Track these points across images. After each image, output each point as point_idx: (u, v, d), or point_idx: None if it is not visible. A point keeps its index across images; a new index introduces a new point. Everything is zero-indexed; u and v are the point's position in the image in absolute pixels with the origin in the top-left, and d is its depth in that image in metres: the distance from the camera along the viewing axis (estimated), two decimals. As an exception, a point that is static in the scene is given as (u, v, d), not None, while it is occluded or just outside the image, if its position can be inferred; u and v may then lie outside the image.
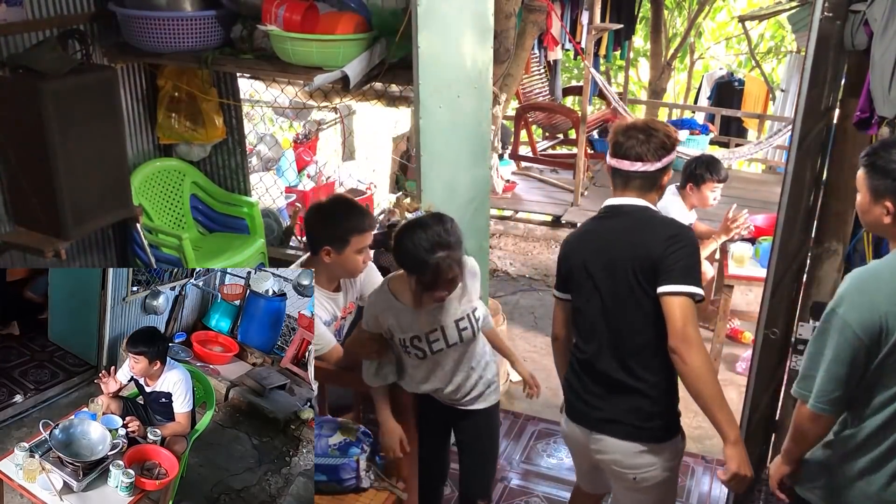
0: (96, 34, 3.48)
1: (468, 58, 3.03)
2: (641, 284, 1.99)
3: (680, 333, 1.91)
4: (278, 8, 3.09)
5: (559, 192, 6.70)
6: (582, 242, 2.17)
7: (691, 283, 1.94)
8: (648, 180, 2.08)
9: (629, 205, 2.09)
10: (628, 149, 2.06)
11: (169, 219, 4.01)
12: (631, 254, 2.01)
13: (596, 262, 2.08)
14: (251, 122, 5.92)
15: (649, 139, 2.05)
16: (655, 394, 2.08)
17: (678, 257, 1.95)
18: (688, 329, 1.91)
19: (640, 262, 1.99)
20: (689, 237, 2.01)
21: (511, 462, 3.40)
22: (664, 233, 2.00)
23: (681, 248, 1.96)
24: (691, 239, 2.01)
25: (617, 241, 2.06)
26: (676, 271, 1.94)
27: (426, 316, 2.24)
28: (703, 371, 1.93)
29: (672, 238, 1.98)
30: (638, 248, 2.00)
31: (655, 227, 2.03)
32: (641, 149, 2.05)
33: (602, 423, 2.13)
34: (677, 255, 1.95)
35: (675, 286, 1.93)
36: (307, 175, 6.18)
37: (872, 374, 1.75)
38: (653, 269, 1.97)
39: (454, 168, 3.07)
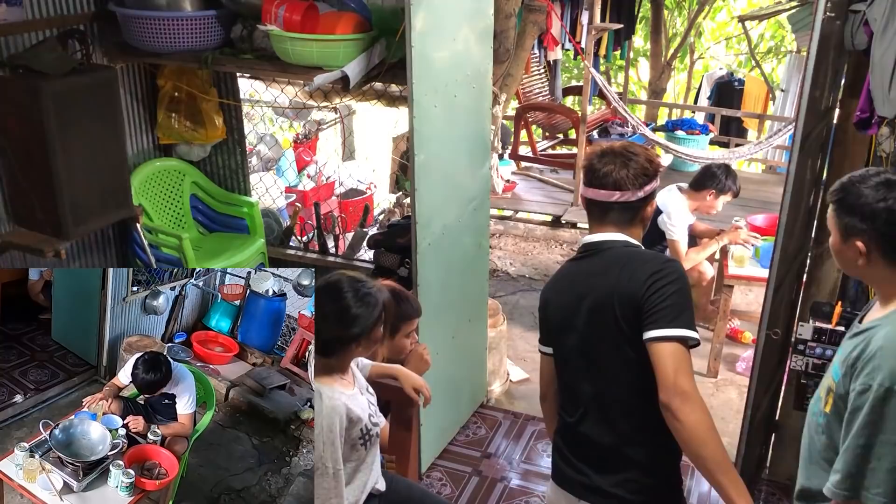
0: (96, 34, 3.48)
1: (466, 58, 3.03)
2: (625, 332, 1.73)
3: (671, 386, 1.65)
4: (278, 8, 3.09)
5: (559, 192, 6.70)
6: (559, 288, 1.91)
7: (681, 325, 1.67)
8: (629, 212, 1.82)
9: (608, 241, 1.82)
10: (605, 175, 1.80)
11: (169, 219, 4.01)
12: (612, 298, 1.74)
13: (574, 309, 1.83)
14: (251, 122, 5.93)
15: (628, 164, 1.79)
16: (649, 462, 1.81)
17: (663, 295, 1.68)
18: (680, 380, 1.65)
19: (623, 306, 1.73)
20: (675, 271, 1.73)
21: (511, 462, 3.40)
22: (648, 269, 1.72)
23: (666, 284, 1.69)
24: (679, 274, 1.74)
25: (596, 285, 1.79)
26: (663, 312, 1.67)
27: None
28: (701, 429, 1.65)
29: (656, 274, 1.70)
30: (619, 289, 1.74)
31: (637, 264, 1.75)
32: (619, 175, 1.79)
33: (589, 491, 1.87)
34: (662, 292, 1.68)
35: (662, 330, 1.67)
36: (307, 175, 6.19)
37: None
38: (637, 313, 1.71)
39: (452, 168, 3.07)
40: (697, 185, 3.98)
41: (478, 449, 3.49)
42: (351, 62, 3.02)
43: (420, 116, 2.70)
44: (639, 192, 1.80)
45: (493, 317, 3.80)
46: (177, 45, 3.30)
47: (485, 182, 3.41)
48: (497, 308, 3.93)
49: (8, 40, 3.08)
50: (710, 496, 3.23)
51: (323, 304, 1.90)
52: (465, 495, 3.18)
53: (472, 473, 3.32)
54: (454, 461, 3.39)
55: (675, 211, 3.90)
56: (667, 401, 1.66)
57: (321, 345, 1.93)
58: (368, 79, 3.14)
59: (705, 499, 3.21)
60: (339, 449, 1.86)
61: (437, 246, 2.99)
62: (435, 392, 3.16)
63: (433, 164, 2.85)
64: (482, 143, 3.31)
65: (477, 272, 3.50)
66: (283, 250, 4.48)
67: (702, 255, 4.04)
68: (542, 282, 5.35)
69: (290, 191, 5.79)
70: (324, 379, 1.91)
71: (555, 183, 6.88)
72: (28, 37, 3.16)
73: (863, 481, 1.51)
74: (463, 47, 2.98)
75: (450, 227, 3.09)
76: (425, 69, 2.69)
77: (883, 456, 1.49)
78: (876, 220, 1.56)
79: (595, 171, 1.82)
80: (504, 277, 5.44)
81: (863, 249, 1.59)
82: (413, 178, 2.77)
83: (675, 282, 1.70)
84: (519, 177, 6.99)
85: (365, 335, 1.89)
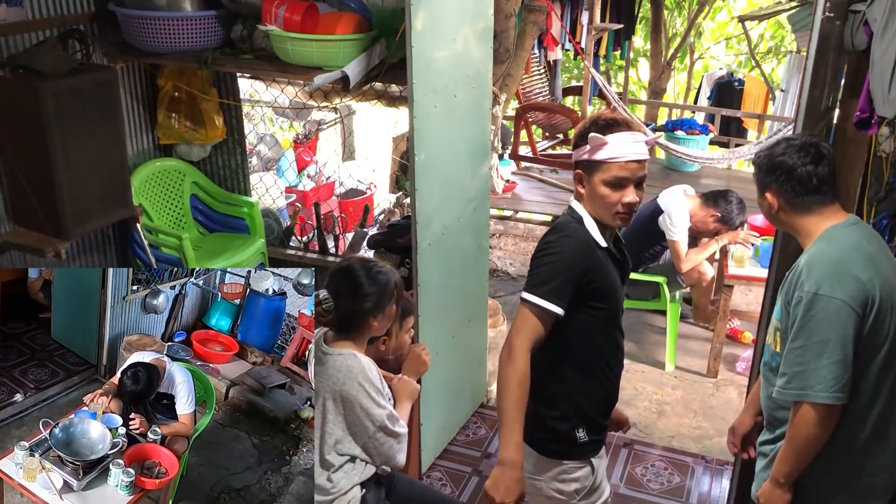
0: (96, 34, 3.49)
1: (466, 58, 3.03)
2: None
3: (508, 338, 1.87)
4: (278, 8, 3.09)
5: (559, 192, 6.69)
6: None
7: (528, 289, 1.85)
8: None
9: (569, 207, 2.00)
10: None
11: (169, 219, 4.01)
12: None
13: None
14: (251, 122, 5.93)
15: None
16: (542, 413, 1.96)
17: (532, 265, 1.89)
18: (512, 336, 1.85)
19: None
20: (547, 245, 1.90)
21: (511, 462, 3.40)
22: (544, 238, 1.93)
23: (536, 256, 1.90)
24: (547, 249, 1.89)
25: None
26: (527, 279, 1.88)
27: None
28: (504, 382, 1.84)
29: (538, 246, 1.92)
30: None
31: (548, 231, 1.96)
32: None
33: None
34: (533, 263, 1.89)
35: (522, 293, 1.88)
36: (307, 175, 6.18)
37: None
38: None
39: (452, 168, 3.07)
40: (710, 200, 4.00)
41: (478, 449, 3.49)
42: (351, 62, 3.02)
43: (420, 116, 2.70)
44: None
45: (493, 317, 3.80)
46: (177, 45, 3.31)
47: (485, 182, 3.42)
48: (497, 308, 3.93)
49: (8, 40, 3.09)
50: (711, 496, 3.23)
51: (338, 284, 2.02)
52: (465, 495, 3.18)
53: (472, 473, 3.32)
54: (454, 461, 3.39)
55: (677, 212, 3.90)
56: (502, 350, 1.86)
57: (339, 322, 2.03)
58: (368, 79, 3.14)
59: (705, 499, 3.21)
60: (386, 396, 2.02)
61: (437, 246, 2.99)
62: (435, 392, 3.18)
63: (433, 164, 2.85)
64: (482, 143, 3.31)
65: (477, 272, 3.50)
66: (284, 250, 4.49)
67: (702, 256, 4.05)
68: (542, 282, 5.35)
69: (290, 191, 5.78)
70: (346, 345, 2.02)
71: (555, 183, 6.88)
72: (28, 37, 3.16)
73: (807, 381, 1.73)
74: (463, 47, 2.98)
75: (450, 227, 3.10)
76: (425, 69, 2.69)
77: (819, 354, 1.71)
78: (776, 172, 1.86)
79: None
80: (504, 277, 5.44)
81: (771, 200, 1.88)
82: (413, 178, 2.77)
83: (547, 253, 1.86)
84: (519, 177, 6.99)
85: (379, 310, 2.02)
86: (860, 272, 1.73)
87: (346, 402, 1.96)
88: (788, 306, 1.83)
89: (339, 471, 2.00)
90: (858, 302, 1.72)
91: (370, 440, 1.98)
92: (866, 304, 1.72)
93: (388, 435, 1.99)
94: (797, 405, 1.78)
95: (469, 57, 3.06)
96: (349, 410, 1.96)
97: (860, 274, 1.73)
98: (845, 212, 1.90)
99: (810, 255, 1.83)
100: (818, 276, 1.75)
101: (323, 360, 2.00)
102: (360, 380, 1.95)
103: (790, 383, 1.77)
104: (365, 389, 1.95)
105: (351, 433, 1.99)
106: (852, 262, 1.75)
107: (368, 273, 2.01)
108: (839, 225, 1.84)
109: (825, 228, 1.84)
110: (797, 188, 1.86)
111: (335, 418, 1.98)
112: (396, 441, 2.01)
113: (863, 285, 1.72)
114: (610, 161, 1.84)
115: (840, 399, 1.73)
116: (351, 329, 2.03)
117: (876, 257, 1.79)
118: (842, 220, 1.86)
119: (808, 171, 1.85)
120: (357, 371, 1.95)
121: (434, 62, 2.76)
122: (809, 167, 1.85)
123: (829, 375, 1.72)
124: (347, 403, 1.96)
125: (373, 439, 1.98)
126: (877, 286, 1.73)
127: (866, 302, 1.72)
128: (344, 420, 1.98)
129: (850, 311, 1.71)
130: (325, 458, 2.00)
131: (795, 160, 1.86)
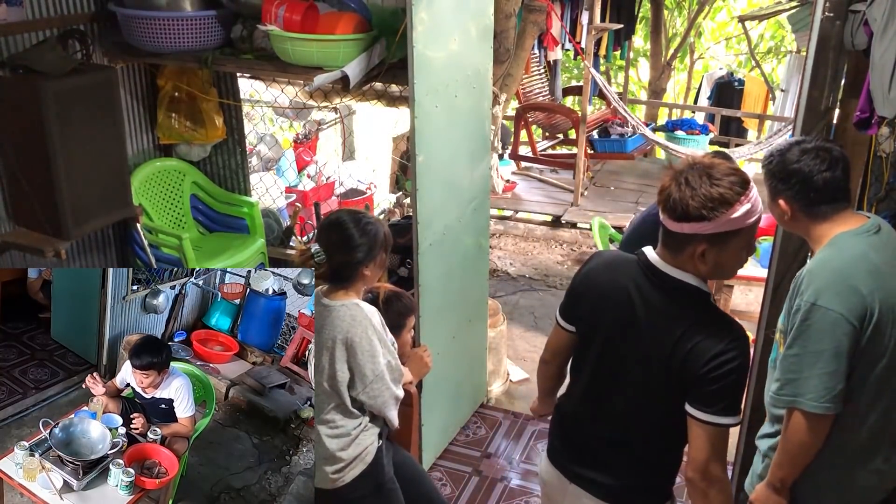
0: (96, 34, 3.48)
1: (466, 58, 3.03)
2: (663, 387, 1.66)
3: (702, 468, 1.63)
4: (278, 8, 3.09)
5: (559, 192, 6.71)
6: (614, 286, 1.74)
7: (728, 413, 1.60)
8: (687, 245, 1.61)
9: (682, 280, 1.64)
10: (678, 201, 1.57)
11: (169, 219, 4.01)
12: (669, 351, 1.63)
13: (624, 323, 1.71)
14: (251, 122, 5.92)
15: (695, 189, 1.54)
16: (644, 470, 1.81)
17: (720, 381, 1.58)
18: (712, 466, 1.63)
19: (677, 372, 1.62)
20: (741, 354, 1.59)
21: (511, 462, 3.40)
22: (713, 346, 1.58)
23: (728, 370, 1.57)
24: (743, 357, 1.60)
25: (658, 323, 1.66)
26: (715, 398, 1.59)
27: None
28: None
29: (720, 356, 1.57)
30: (679, 352, 1.61)
31: (705, 334, 1.60)
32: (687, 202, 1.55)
33: (580, 479, 1.85)
34: (720, 377, 1.58)
35: (708, 415, 1.60)
36: (307, 175, 6.18)
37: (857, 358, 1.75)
38: (687, 383, 1.63)
39: (452, 168, 3.07)
40: None
41: (478, 449, 3.49)
42: (351, 62, 3.02)
43: (421, 117, 2.70)
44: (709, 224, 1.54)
45: (493, 317, 3.80)
46: (177, 45, 3.30)
47: (485, 182, 3.42)
48: (497, 308, 3.93)
49: (8, 40, 3.09)
50: None
51: (329, 237, 2.08)
52: (465, 495, 3.18)
53: (472, 473, 3.32)
54: (454, 461, 3.39)
55: None
56: (694, 479, 1.67)
57: (332, 273, 2.08)
58: (368, 79, 3.14)
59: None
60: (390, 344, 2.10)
61: (438, 246, 2.99)
62: (435, 392, 3.18)
63: (434, 164, 2.85)
64: (482, 143, 3.31)
65: (477, 272, 3.50)
66: (283, 250, 4.49)
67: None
68: (542, 282, 5.35)
69: (290, 191, 5.78)
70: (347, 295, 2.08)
71: (555, 183, 6.88)
72: (28, 37, 3.16)
73: (798, 389, 1.73)
74: (463, 47, 2.98)
75: (450, 227, 3.10)
76: (426, 69, 2.69)
77: (812, 364, 1.71)
78: (791, 180, 1.81)
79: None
80: (504, 277, 5.44)
81: (785, 207, 1.85)
82: (414, 178, 2.77)
83: (737, 368, 1.58)
84: (519, 177, 7.00)
85: (371, 259, 2.08)
86: (861, 284, 1.71)
87: (350, 348, 2.03)
88: (790, 312, 1.83)
89: (360, 419, 2.11)
90: (856, 315, 1.70)
91: (369, 386, 2.05)
92: (864, 318, 1.70)
93: (387, 383, 2.07)
94: (790, 412, 1.78)
95: (469, 57, 3.06)
96: (353, 355, 2.03)
97: (861, 286, 1.71)
98: (861, 215, 1.86)
99: (814, 263, 1.80)
100: (818, 287, 1.73)
101: (326, 311, 2.06)
102: (365, 325, 2.03)
103: (783, 389, 1.78)
104: (368, 335, 2.03)
105: (357, 376, 2.06)
106: (854, 274, 1.72)
107: (357, 224, 2.07)
108: (849, 232, 1.81)
109: (834, 234, 1.81)
110: (813, 197, 1.82)
111: (342, 366, 2.05)
112: (392, 395, 2.10)
113: (862, 298, 1.70)
114: (755, 219, 1.57)
115: (830, 409, 1.72)
116: (345, 279, 2.09)
117: (881, 269, 1.74)
118: (854, 227, 1.81)
119: (824, 179, 1.79)
120: (361, 318, 2.03)
121: (434, 62, 2.76)
122: (826, 174, 1.79)
123: (821, 385, 1.71)
124: (352, 349, 2.03)
125: (371, 385, 2.05)
126: (877, 299, 1.71)
127: (864, 315, 1.70)
128: (347, 364, 2.05)
129: (847, 324, 1.69)
130: (348, 407, 2.08)
131: (811, 168, 1.80)
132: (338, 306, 2.05)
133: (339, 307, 2.04)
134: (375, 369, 2.04)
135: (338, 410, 2.08)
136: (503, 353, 3.94)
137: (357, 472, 2.11)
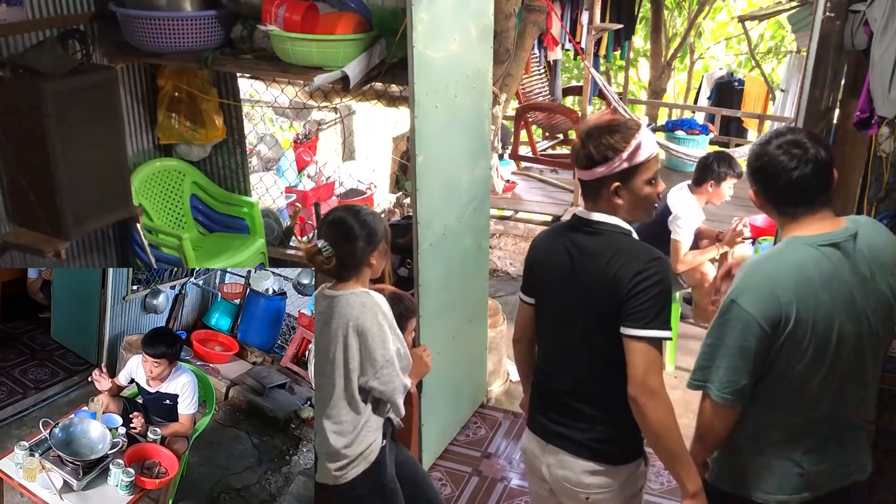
0: (96, 34, 3.49)
1: (466, 58, 3.03)
2: (602, 318, 1.82)
3: (640, 383, 1.76)
4: (278, 8, 3.09)
5: (559, 192, 6.70)
6: (553, 249, 1.95)
7: (657, 326, 1.76)
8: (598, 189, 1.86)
9: (602, 223, 1.86)
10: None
11: (169, 219, 4.01)
12: (599, 284, 1.81)
13: (565, 280, 1.89)
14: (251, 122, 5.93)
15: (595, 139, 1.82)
16: (612, 420, 1.90)
17: (646, 296, 1.76)
18: (649, 378, 1.76)
19: (608, 298, 1.80)
20: (660, 271, 1.79)
21: (511, 462, 3.41)
22: (634, 266, 1.77)
23: (650, 285, 1.76)
24: (663, 274, 1.80)
25: (587, 266, 1.85)
26: (642, 313, 1.75)
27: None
28: (663, 424, 1.79)
29: (641, 273, 1.76)
30: (606, 279, 1.79)
31: (627, 258, 1.80)
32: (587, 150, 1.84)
33: (556, 436, 1.97)
34: (645, 292, 1.76)
35: (638, 330, 1.76)
36: (307, 175, 6.18)
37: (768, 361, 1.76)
38: (618, 306, 1.79)
39: (452, 168, 3.07)
40: (697, 181, 3.99)
41: (478, 449, 3.49)
42: (351, 62, 3.02)
43: (421, 117, 2.70)
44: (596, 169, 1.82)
45: (492, 317, 3.80)
46: (177, 45, 3.31)
47: (485, 182, 3.42)
48: (497, 308, 3.93)
49: (8, 40, 3.09)
50: (710, 496, 3.22)
51: (332, 233, 2.12)
52: (465, 495, 3.18)
53: (473, 473, 3.32)
54: (454, 461, 3.39)
55: (684, 212, 3.89)
56: (635, 395, 1.79)
57: (339, 265, 2.11)
58: (368, 79, 3.14)
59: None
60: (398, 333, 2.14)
61: (438, 246, 2.99)
62: (435, 392, 3.18)
63: (434, 164, 2.85)
64: (482, 143, 3.31)
65: (477, 272, 3.50)
66: (283, 250, 4.48)
67: (699, 259, 4.04)
68: (542, 282, 5.35)
69: (290, 191, 5.78)
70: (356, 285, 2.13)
71: (555, 183, 6.88)
72: (28, 37, 3.16)
73: (708, 375, 1.79)
74: (463, 47, 2.98)
75: (450, 227, 3.10)
76: (426, 69, 2.69)
77: (722, 356, 1.76)
78: (758, 175, 1.82)
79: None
80: (504, 277, 5.44)
81: (755, 199, 1.87)
82: (414, 178, 2.77)
83: (658, 283, 1.78)
84: (519, 177, 7.00)
85: (374, 247, 2.14)
86: (782, 293, 1.69)
87: (361, 334, 2.05)
88: None
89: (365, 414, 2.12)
90: (769, 320, 1.70)
91: (379, 371, 2.07)
92: (779, 324, 1.70)
93: (396, 370, 2.09)
94: (703, 394, 1.84)
95: (469, 57, 3.06)
96: (364, 341, 2.05)
97: (781, 295, 1.70)
98: (835, 220, 1.78)
99: (753, 260, 1.83)
100: (743, 285, 1.75)
101: (334, 301, 2.09)
102: (375, 311, 2.06)
103: (696, 373, 1.83)
104: (379, 321, 2.06)
105: (368, 361, 2.07)
106: (779, 282, 1.71)
107: (357, 217, 2.13)
108: (803, 238, 1.74)
109: (789, 237, 1.79)
110: (777, 197, 1.80)
111: (354, 354, 2.07)
112: (401, 383, 2.12)
113: (779, 306, 1.69)
114: (650, 158, 1.82)
115: (728, 401, 1.77)
116: (352, 268, 2.13)
117: (812, 281, 1.70)
118: (814, 233, 1.74)
119: (789, 180, 1.74)
120: (371, 305, 2.06)
121: (434, 62, 2.76)
122: (794, 173, 1.72)
123: (725, 378, 1.76)
124: (363, 336, 2.05)
125: (380, 372, 2.07)
126: (795, 309, 1.69)
127: (779, 321, 1.70)
128: (359, 352, 2.07)
129: (758, 328, 1.71)
130: (353, 396, 2.09)
131: (779, 165, 1.74)
132: (347, 294, 2.08)
133: (349, 295, 2.08)
134: (386, 354, 2.06)
135: (343, 405, 2.09)
136: (503, 353, 3.94)
137: (359, 471, 2.12)
